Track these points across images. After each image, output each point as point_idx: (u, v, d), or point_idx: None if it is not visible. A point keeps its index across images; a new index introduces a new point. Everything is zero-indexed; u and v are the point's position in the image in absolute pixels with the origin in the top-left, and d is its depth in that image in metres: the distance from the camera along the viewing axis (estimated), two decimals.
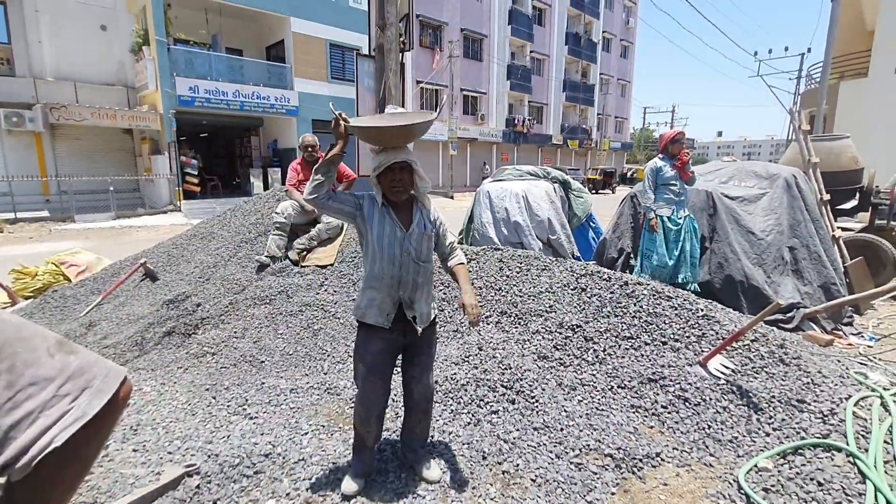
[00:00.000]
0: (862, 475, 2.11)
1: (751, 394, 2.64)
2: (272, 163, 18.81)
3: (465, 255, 4.19)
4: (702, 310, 3.25)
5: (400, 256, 2.01)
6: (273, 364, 3.36)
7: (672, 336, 3.08)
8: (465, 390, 2.81)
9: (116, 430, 2.63)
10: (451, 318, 3.57)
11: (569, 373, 2.95)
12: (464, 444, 2.44)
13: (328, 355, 3.40)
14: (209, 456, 2.35)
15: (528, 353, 3.11)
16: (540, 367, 2.99)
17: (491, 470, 2.28)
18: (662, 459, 2.32)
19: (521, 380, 2.84)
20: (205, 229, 5.39)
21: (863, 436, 2.36)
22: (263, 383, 3.11)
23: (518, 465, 2.29)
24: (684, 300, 3.34)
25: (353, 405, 2.83)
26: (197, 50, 16.22)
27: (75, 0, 14.98)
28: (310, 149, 4.59)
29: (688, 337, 3.07)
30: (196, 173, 16.89)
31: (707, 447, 2.39)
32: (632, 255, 5.22)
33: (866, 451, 2.25)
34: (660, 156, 4.64)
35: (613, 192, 28.87)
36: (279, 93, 17.64)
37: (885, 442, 2.32)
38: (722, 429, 2.48)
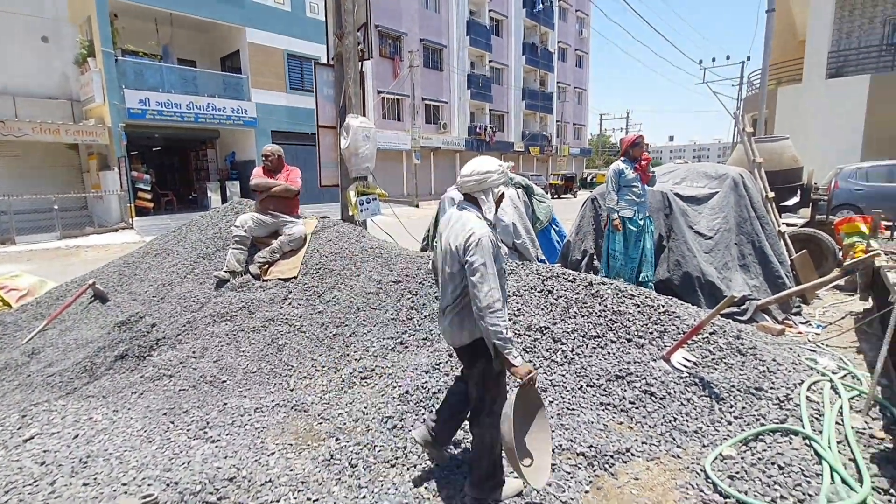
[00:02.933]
0: (818, 456, 2.21)
1: (712, 385, 2.73)
2: (230, 176, 18.27)
3: (433, 262, 4.17)
4: (663, 306, 3.35)
5: None
6: (236, 383, 3.22)
7: (636, 333, 3.15)
8: (437, 398, 2.78)
9: (64, 463, 2.45)
10: (420, 325, 3.53)
11: (539, 374, 2.96)
12: None
13: (294, 371, 3.29)
14: (168, 484, 2.22)
15: None
16: None
17: (466, 478, 2.25)
18: (632, 454, 2.36)
19: None
20: (158, 246, 5.15)
21: (816, 418, 2.48)
22: (226, 404, 2.98)
23: None
24: (646, 298, 3.44)
25: (321, 420, 2.75)
26: (147, 61, 15.62)
27: (13, 11, 14.17)
28: (266, 157, 4.51)
29: (651, 333, 3.15)
30: (149, 188, 16.20)
31: (674, 439, 2.45)
32: (595, 256, 5.34)
33: (820, 432, 2.37)
34: (621, 159, 4.77)
35: (575, 197, 29.58)
36: (236, 104, 17.21)
37: (836, 423, 2.44)
38: (687, 420, 2.55)
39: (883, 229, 5.29)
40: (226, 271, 4.18)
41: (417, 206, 22.13)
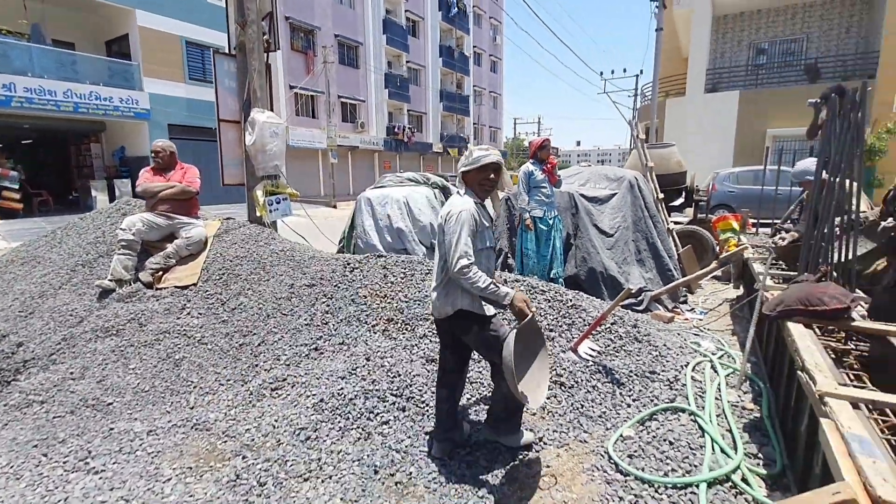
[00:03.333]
0: (702, 430, 2.46)
1: (614, 371, 2.94)
2: (120, 173, 16.43)
3: (349, 264, 4.06)
4: (570, 300, 3.56)
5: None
6: (124, 405, 2.89)
7: (547, 327, 3.31)
8: (354, 404, 2.70)
9: None
10: (335, 330, 3.42)
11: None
12: (354, 462, 2.33)
13: (194, 387, 3.02)
14: None
15: (416, 357, 3.10)
16: (429, 371, 2.99)
17: (384, 483, 2.21)
18: (545, 443, 2.47)
19: (411, 385, 2.82)
20: (26, 253, 4.47)
21: (700, 396, 2.77)
22: (112, 429, 2.66)
23: (411, 473, 2.26)
24: (556, 293, 3.63)
25: (225, 438, 2.55)
26: (12, 41, 13.55)
27: None
28: (156, 154, 4.11)
29: (560, 326, 3.33)
30: (17, 187, 14.07)
31: (581, 425, 2.60)
32: (509, 255, 5.53)
33: (703, 408, 2.64)
34: (531, 161, 4.99)
35: None
36: (125, 93, 15.51)
37: (716, 399, 2.74)
38: (593, 406, 2.72)
39: (750, 226, 6.07)
40: (110, 280, 3.73)
41: (335, 206, 21.50)
